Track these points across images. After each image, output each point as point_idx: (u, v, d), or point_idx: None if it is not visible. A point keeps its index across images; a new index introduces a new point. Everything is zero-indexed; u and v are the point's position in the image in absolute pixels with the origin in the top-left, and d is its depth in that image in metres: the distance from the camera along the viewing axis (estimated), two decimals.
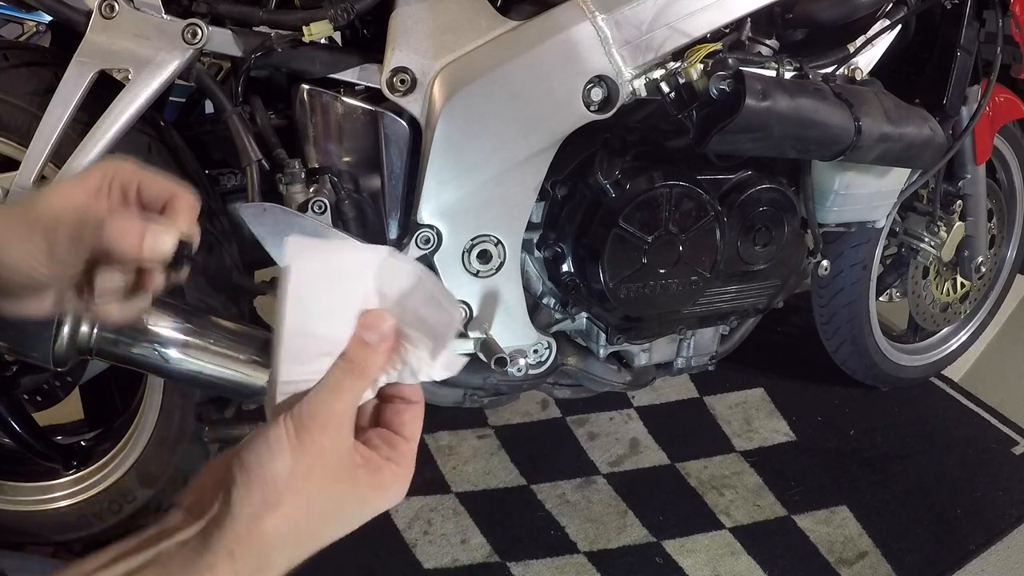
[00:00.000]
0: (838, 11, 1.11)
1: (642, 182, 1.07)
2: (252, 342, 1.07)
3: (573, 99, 1.00)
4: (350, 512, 0.47)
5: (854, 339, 1.72)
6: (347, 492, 0.46)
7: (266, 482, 0.43)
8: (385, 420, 0.50)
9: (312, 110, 1.00)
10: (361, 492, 0.46)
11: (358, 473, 0.46)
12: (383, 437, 0.49)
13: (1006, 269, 1.95)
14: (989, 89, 1.30)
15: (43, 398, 1.24)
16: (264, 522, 0.43)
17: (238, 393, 1.10)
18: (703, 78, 0.98)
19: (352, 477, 0.46)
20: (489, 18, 0.99)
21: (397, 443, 0.49)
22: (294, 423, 0.44)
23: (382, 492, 0.47)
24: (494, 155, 0.99)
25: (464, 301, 1.06)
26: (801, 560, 1.43)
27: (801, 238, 1.27)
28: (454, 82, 0.96)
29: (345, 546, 0.50)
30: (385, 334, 0.47)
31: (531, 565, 1.40)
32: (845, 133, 1.03)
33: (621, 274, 1.08)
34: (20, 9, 2.19)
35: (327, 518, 0.46)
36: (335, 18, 0.94)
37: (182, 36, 0.94)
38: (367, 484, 0.46)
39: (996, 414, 1.85)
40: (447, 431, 1.70)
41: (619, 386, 1.33)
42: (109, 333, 0.98)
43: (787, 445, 1.72)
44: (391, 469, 0.47)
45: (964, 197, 1.64)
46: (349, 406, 0.46)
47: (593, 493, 1.56)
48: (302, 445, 0.44)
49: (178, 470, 1.26)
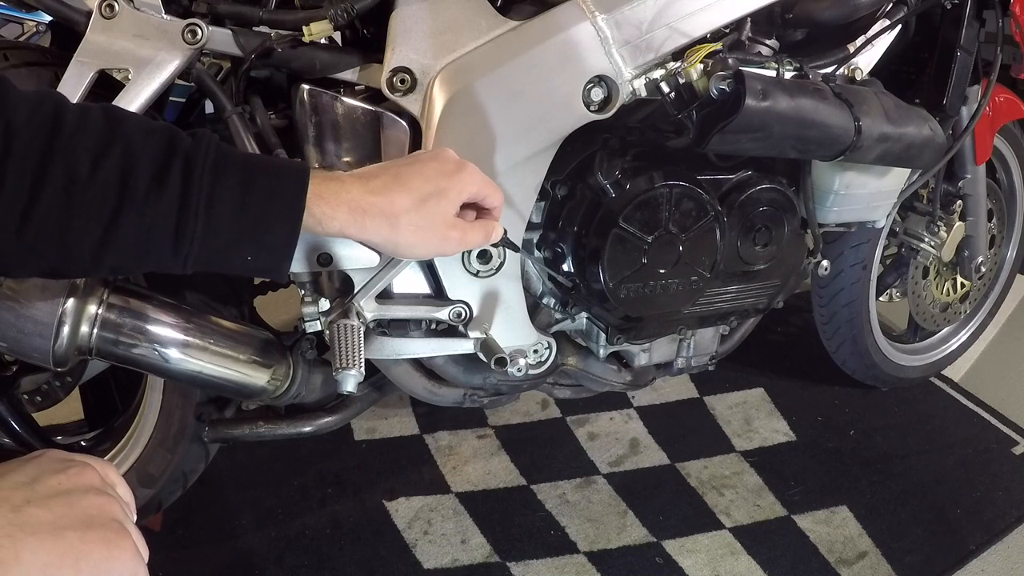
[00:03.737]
0: (838, 11, 1.11)
1: (642, 182, 1.06)
2: (252, 342, 1.08)
3: (573, 99, 1.00)
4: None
5: (854, 339, 1.72)
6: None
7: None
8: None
9: (312, 110, 1.00)
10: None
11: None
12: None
13: (1006, 269, 1.95)
14: (989, 89, 1.30)
15: (43, 398, 1.24)
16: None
17: (238, 393, 1.10)
18: (703, 78, 0.98)
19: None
20: (489, 18, 0.99)
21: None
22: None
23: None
24: (494, 155, 0.98)
25: (464, 301, 1.06)
26: (801, 560, 1.43)
27: (801, 238, 1.27)
28: (454, 82, 0.96)
29: (345, 546, 0.51)
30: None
31: (531, 565, 1.40)
32: (845, 133, 1.03)
33: (621, 274, 1.08)
34: (20, 9, 2.19)
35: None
36: (335, 18, 0.94)
37: (182, 36, 0.94)
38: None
39: (996, 414, 1.85)
40: (447, 431, 1.70)
41: (619, 386, 1.33)
42: (109, 333, 0.98)
43: (787, 445, 1.72)
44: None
45: (964, 197, 1.64)
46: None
47: (593, 493, 1.56)
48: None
49: (178, 470, 1.26)
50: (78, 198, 0.61)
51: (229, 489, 1.53)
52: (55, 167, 0.60)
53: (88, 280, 0.96)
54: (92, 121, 0.63)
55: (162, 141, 0.64)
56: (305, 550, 1.40)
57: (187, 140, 0.66)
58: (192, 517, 1.45)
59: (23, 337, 0.93)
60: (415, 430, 1.71)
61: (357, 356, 0.91)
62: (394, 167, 0.74)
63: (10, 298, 0.92)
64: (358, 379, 0.91)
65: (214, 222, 0.64)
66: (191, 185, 0.63)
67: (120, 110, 0.66)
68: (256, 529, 1.44)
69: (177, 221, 0.63)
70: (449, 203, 0.75)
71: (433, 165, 0.75)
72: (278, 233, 0.67)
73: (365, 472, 1.59)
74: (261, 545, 1.41)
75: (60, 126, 0.61)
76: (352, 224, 0.70)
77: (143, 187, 0.62)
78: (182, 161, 0.64)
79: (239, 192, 0.65)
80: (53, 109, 0.62)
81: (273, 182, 0.67)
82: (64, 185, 0.60)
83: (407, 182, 0.72)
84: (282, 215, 0.67)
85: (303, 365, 1.12)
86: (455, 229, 0.76)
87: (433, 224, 0.74)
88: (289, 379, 1.10)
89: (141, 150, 0.63)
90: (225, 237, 0.66)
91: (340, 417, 1.22)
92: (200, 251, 0.65)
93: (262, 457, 1.60)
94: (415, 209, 0.72)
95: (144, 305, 1.00)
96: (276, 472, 1.57)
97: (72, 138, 0.61)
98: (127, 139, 0.63)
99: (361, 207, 0.70)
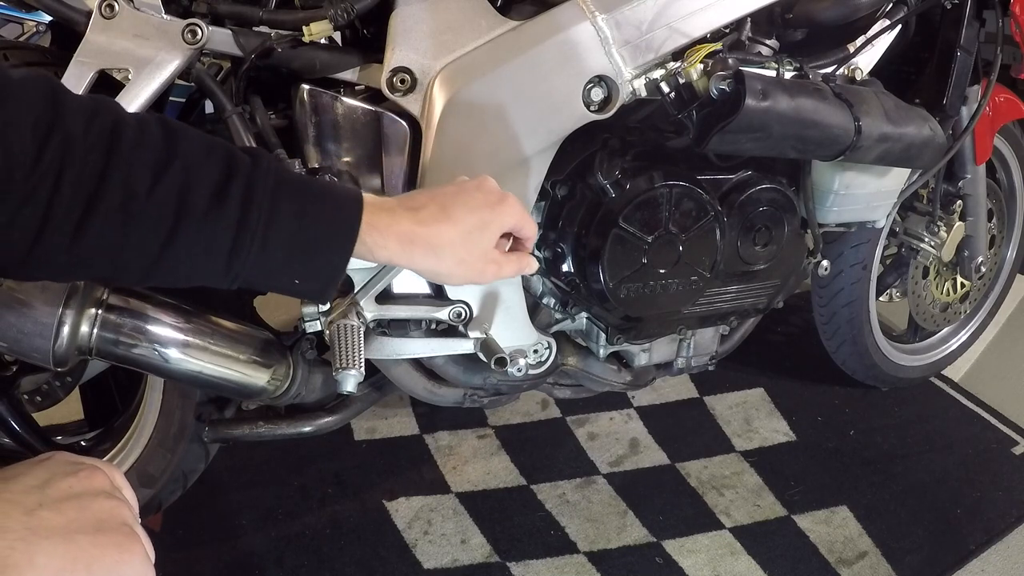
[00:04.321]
0: (838, 11, 1.11)
1: (642, 182, 1.06)
2: (252, 342, 1.08)
3: (573, 99, 1.00)
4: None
5: (854, 339, 1.72)
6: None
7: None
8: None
9: (312, 110, 1.00)
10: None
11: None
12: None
13: (1006, 269, 1.95)
14: (989, 89, 1.30)
15: (43, 398, 1.24)
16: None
17: (238, 393, 1.10)
18: (703, 78, 0.98)
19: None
20: (489, 18, 0.99)
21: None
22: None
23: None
24: (494, 155, 0.99)
25: (464, 301, 1.06)
26: (801, 560, 1.43)
27: (801, 238, 1.27)
28: (454, 82, 0.96)
29: (345, 546, 0.51)
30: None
31: (531, 565, 1.40)
32: (845, 133, 1.03)
33: (621, 274, 1.08)
34: (20, 9, 2.19)
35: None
36: (335, 18, 0.94)
37: (182, 36, 0.94)
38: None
39: (996, 414, 1.85)
40: (447, 431, 1.70)
41: (619, 386, 1.33)
42: (109, 333, 0.98)
43: (787, 445, 1.72)
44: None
45: (964, 197, 1.64)
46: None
47: (593, 493, 1.56)
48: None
49: (178, 470, 1.26)
50: (136, 214, 0.61)
51: (229, 489, 1.53)
52: (113, 182, 0.60)
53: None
54: (150, 135, 0.62)
55: (222, 160, 0.64)
56: (305, 550, 1.40)
57: (246, 160, 0.66)
58: (192, 517, 1.45)
59: (23, 337, 0.93)
60: (415, 430, 1.71)
61: (357, 356, 0.91)
62: (440, 196, 0.76)
63: (10, 298, 0.92)
64: (358, 379, 0.91)
65: (269, 245, 0.65)
66: (250, 207, 0.64)
67: (177, 124, 0.65)
68: (256, 529, 1.44)
69: (233, 242, 0.64)
70: (490, 235, 0.78)
71: (478, 196, 0.77)
72: (330, 260, 0.69)
73: (365, 472, 1.59)
74: (261, 545, 1.41)
75: (119, 140, 0.60)
76: (401, 254, 0.73)
77: (202, 206, 0.62)
78: (243, 182, 0.64)
79: (296, 217, 0.66)
80: (112, 122, 0.61)
81: (330, 209, 0.68)
82: (122, 201, 0.60)
83: (452, 213, 0.75)
84: (336, 243, 0.69)
85: (303, 365, 1.12)
86: (492, 263, 0.79)
87: (473, 256, 0.77)
88: (289, 379, 1.10)
89: (201, 168, 0.63)
90: (278, 259, 0.67)
91: (340, 417, 1.22)
92: (250, 271, 0.66)
93: (262, 457, 1.60)
94: (460, 242, 0.75)
95: (144, 305, 1.00)
96: (276, 472, 1.57)
97: (131, 153, 0.61)
98: (186, 156, 0.63)
99: (410, 238, 0.73)
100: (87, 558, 0.43)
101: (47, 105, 0.58)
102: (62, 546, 0.42)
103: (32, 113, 0.57)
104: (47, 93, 0.59)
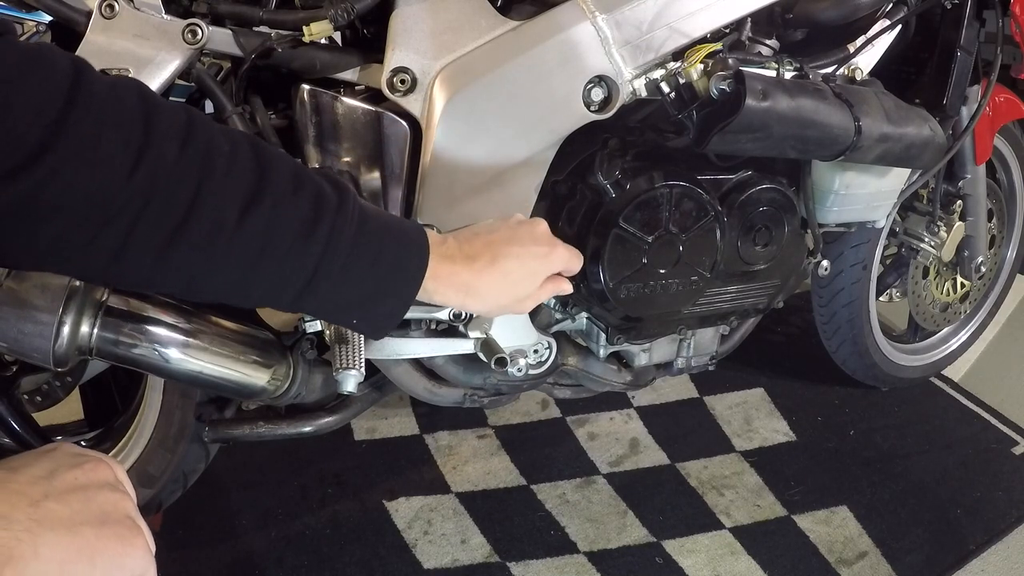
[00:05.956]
0: (838, 11, 1.11)
1: (642, 182, 1.06)
2: (252, 342, 1.08)
3: (573, 99, 1.00)
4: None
5: (854, 339, 1.72)
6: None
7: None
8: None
9: (312, 110, 1.00)
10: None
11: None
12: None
13: (1006, 269, 1.95)
14: (989, 89, 1.30)
15: (43, 398, 1.24)
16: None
17: (238, 393, 1.10)
18: (703, 78, 0.98)
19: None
20: (489, 18, 0.99)
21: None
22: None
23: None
24: (494, 155, 0.98)
25: None
26: (801, 560, 1.44)
27: (801, 238, 1.27)
28: (454, 82, 0.96)
29: (345, 546, 0.51)
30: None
31: (531, 565, 1.40)
32: (845, 133, 1.03)
33: (621, 274, 1.08)
34: (20, 9, 2.19)
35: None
36: (335, 18, 0.94)
37: (182, 36, 0.94)
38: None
39: (996, 414, 1.85)
40: (447, 431, 1.70)
41: (619, 386, 1.33)
42: (109, 333, 0.98)
43: (787, 445, 1.72)
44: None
45: (964, 197, 1.64)
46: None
47: (593, 493, 1.56)
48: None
49: (178, 470, 1.26)
50: (220, 247, 0.60)
51: (229, 489, 1.53)
52: (202, 214, 0.59)
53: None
54: (242, 163, 0.61)
55: (311, 198, 0.64)
56: (305, 550, 1.40)
57: (333, 201, 0.65)
58: (192, 517, 1.45)
59: (23, 337, 0.93)
60: (415, 430, 1.71)
61: (357, 356, 0.91)
62: (495, 245, 0.79)
63: (10, 298, 0.92)
64: (358, 379, 0.91)
65: (341, 289, 0.67)
66: (332, 254, 0.65)
67: (268, 149, 0.64)
68: (256, 529, 1.44)
69: (308, 282, 0.65)
70: (536, 282, 0.81)
71: (531, 248, 0.80)
72: (392, 308, 0.71)
73: (365, 472, 1.59)
74: (261, 545, 1.41)
75: (212, 169, 0.59)
76: (455, 301, 0.76)
77: (286, 245, 0.63)
78: (328, 226, 0.64)
79: (371, 266, 0.68)
80: (204, 146, 0.59)
81: (400, 257, 0.71)
82: (208, 234, 0.59)
83: (505, 266, 0.78)
84: (399, 291, 0.71)
85: (303, 365, 1.12)
86: (531, 300, 0.83)
87: (518, 299, 0.81)
88: (289, 379, 1.10)
89: (289, 205, 0.63)
90: (345, 298, 0.68)
91: (340, 417, 1.22)
92: (314, 307, 0.68)
93: (262, 457, 1.60)
94: (508, 290, 0.79)
95: (144, 305, 1.00)
96: (276, 472, 1.57)
97: (223, 182, 0.60)
98: (276, 189, 0.62)
99: (466, 289, 0.76)
100: (91, 550, 0.43)
101: (137, 123, 0.56)
102: (67, 538, 0.42)
103: (121, 133, 0.55)
104: (138, 107, 0.57)
